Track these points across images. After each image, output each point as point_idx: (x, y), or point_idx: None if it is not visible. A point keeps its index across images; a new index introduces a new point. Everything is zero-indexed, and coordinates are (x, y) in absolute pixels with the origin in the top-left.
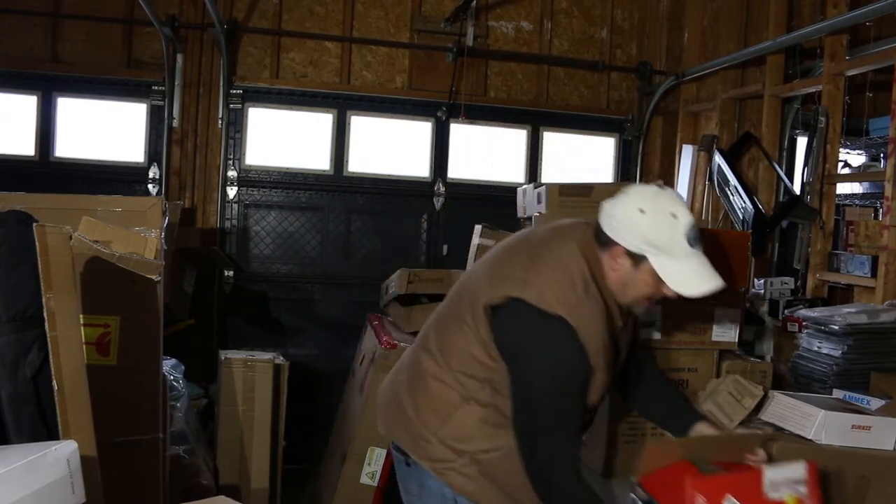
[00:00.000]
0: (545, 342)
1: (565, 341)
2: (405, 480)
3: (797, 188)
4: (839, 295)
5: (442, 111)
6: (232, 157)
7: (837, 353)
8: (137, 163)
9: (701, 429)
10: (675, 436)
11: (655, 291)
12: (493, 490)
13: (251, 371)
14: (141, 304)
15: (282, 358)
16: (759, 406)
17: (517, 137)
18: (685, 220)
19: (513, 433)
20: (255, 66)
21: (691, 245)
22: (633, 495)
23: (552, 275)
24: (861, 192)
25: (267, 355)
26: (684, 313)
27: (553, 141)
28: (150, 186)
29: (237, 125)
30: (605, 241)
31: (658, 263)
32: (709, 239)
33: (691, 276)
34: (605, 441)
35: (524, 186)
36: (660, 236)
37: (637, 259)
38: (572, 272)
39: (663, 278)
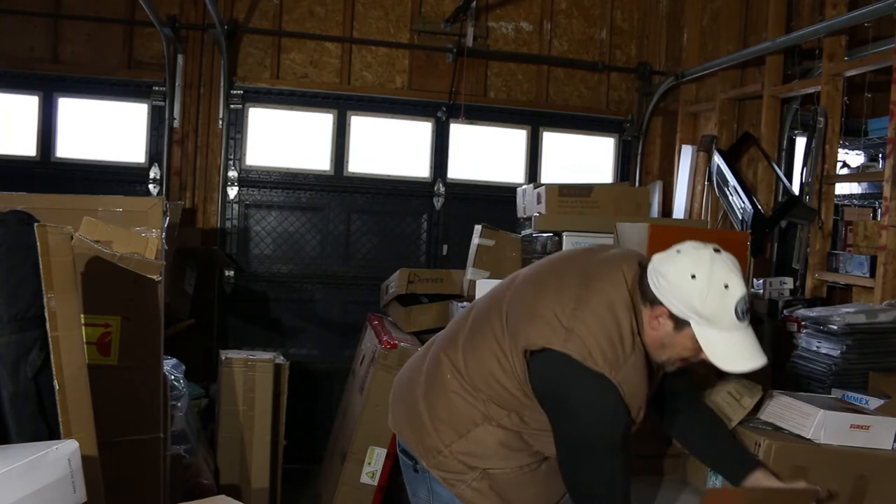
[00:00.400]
0: (589, 400)
1: (608, 398)
2: (413, 485)
3: (796, 188)
4: (838, 295)
5: (442, 111)
6: (232, 157)
7: (836, 353)
8: (138, 163)
9: (759, 478)
10: (730, 481)
11: (693, 356)
12: (500, 502)
13: (251, 371)
14: (142, 304)
15: (282, 358)
16: (759, 406)
17: (517, 137)
18: (738, 292)
19: (564, 482)
20: (256, 66)
21: (740, 319)
22: None
23: (599, 326)
24: (860, 192)
25: (267, 355)
26: None
27: (553, 141)
28: (150, 186)
29: (238, 125)
30: (650, 298)
31: (702, 333)
32: (708, 238)
33: (735, 352)
34: None
35: (524, 186)
36: (708, 307)
37: (680, 323)
38: (621, 324)
39: (704, 350)
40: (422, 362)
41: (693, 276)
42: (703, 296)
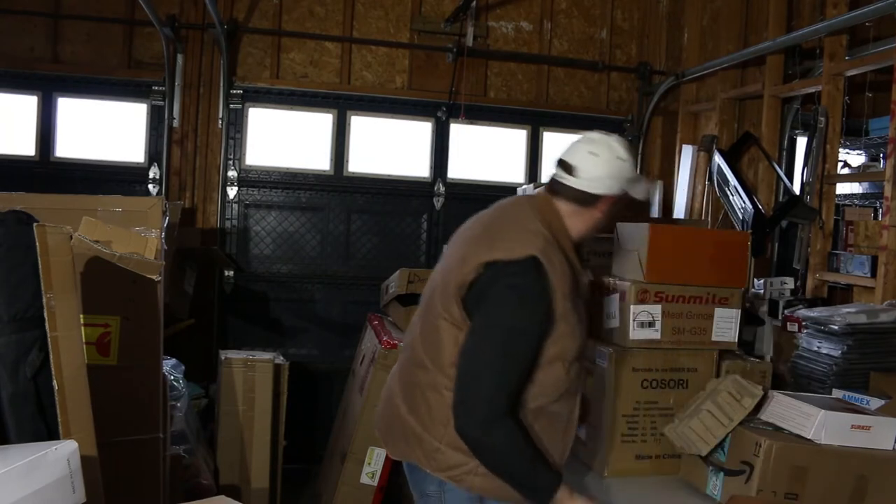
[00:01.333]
0: (515, 283)
1: (533, 279)
2: (421, 485)
3: (797, 188)
4: (839, 295)
5: (442, 111)
6: (232, 157)
7: (837, 353)
8: (138, 163)
9: None
10: None
11: (603, 222)
12: None
13: (251, 371)
14: (141, 304)
15: (282, 358)
16: (759, 406)
17: (517, 137)
18: (622, 143)
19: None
20: (256, 66)
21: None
22: None
23: (516, 235)
24: (861, 192)
25: (267, 355)
26: (684, 313)
27: (553, 141)
28: (150, 186)
29: (237, 125)
30: (589, 201)
31: (635, 189)
32: (709, 238)
33: (645, 188)
34: (604, 441)
35: (524, 186)
36: (631, 171)
37: (620, 196)
38: (533, 229)
39: (639, 196)
40: (395, 387)
41: (619, 158)
42: (628, 167)
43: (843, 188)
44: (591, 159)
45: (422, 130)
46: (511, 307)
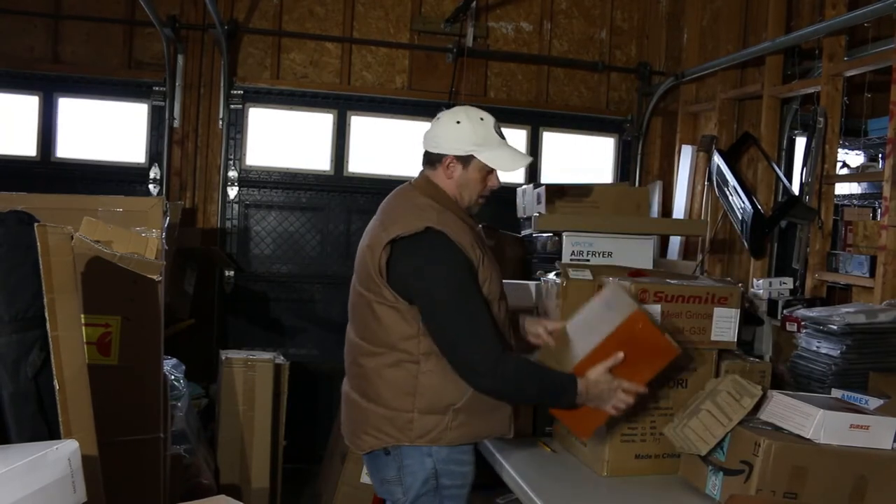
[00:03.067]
0: (426, 254)
1: (441, 243)
2: (382, 471)
3: (796, 188)
4: (838, 295)
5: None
6: (232, 157)
7: (836, 353)
8: (138, 163)
9: (529, 322)
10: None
11: (483, 186)
12: (482, 416)
13: (251, 371)
14: (142, 304)
15: (282, 358)
16: (759, 405)
17: (517, 138)
18: (490, 120)
19: (442, 354)
20: (256, 66)
21: (501, 137)
22: None
23: (407, 213)
24: (859, 192)
25: (267, 355)
26: (683, 313)
27: (553, 141)
28: (150, 187)
29: (238, 125)
30: (436, 159)
31: (484, 156)
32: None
33: (510, 158)
34: (604, 439)
35: (524, 186)
36: (479, 135)
37: (466, 161)
38: (420, 203)
39: (491, 164)
40: (346, 385)
41: (458, 122)
42: (471, 130)
43: (841, 188)
44: (434, 123)
45: (422, 131)
46: (439, 275)
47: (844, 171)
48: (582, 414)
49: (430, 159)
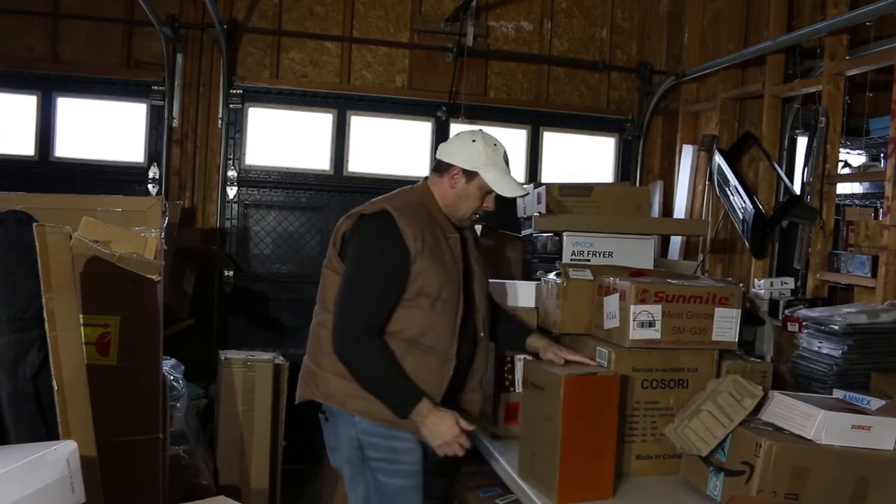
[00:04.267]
0: (371, 231)
1: (383, 224)
2: (327, 437)
3: (797, 188)
4: (839, 295)
5: (442, 111)
6: (232, 157)
7: (837, 353)
8: (137, 163)
9: (534, 339)
10: (517, 347)
11: (479, 204)
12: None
13: (251, 371)
14: (141, 304)
15: (282, 358)
16: (760, 406)
17: (517, 137)
18: (502, 148)
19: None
20: (256, 66)
21: (507, 165)
22: None
23: (384, 200)
24: (861, 192)
25: (267, 355)
26: (684, 313)
27: (553, 141)
28: (150, 186)
29: (237, 125)
30: (444, 168)
31: (487, 176)
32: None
33: (511, 184)
34: None
35: (524, 187)
36: (488, 155)
37: (470, 176)
38: (400, 196)
39: (491, 185)
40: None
41: (474, 140)
42: (483, 150)
43: (843, 188)
44: (452, 138)
45: (422, 130)
46: (365, 249)
47: (846, 170)
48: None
49: (440, 167)
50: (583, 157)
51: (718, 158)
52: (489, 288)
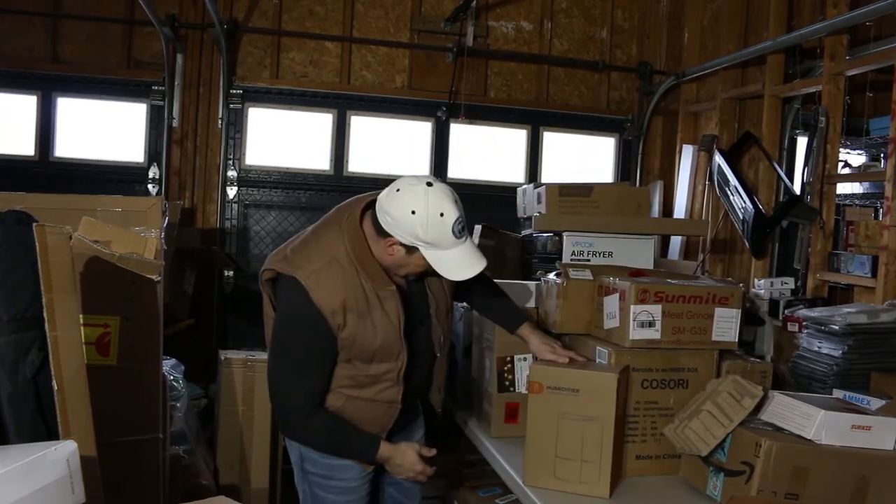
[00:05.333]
0: (283, 300)
1: (296, 296)
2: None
3: (797, 188)
4: (839, 295)
5: (442, 111)
6: (232, 157)
7: (837, 353)
8: (137, 163)
9: (526, 329)
10: (508, 329)
11: (424, 271)
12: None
13: (251, 371)
14: (141, 304)
15: None
16: (759, 406)
17: (517, 137)
18: (452, 217)
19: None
20: (256, 66)
21: (457, 237)
22: None
23: (306, 252)
24: (861, 192)
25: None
26: (684, 313)
27: (553, 141)
28: (149, 186)
29: (237, 125)
30: (381, 232)
31: (429, 255)
32: None
33: (458, 264)
34: None
35: (524, 186)
36: (430, 234)
37: (410, 249)
38: (326, 247)
39: (435, 267)
40: None
41: (413, 212)
42: (423, 226)
43: (843, 188)
44: (391, 195)
45: (422, 130)
46: (284, 326)
47: (846, 170)
48: None
49: (378, 228)
50: (583, 157)
51: (718, 158)
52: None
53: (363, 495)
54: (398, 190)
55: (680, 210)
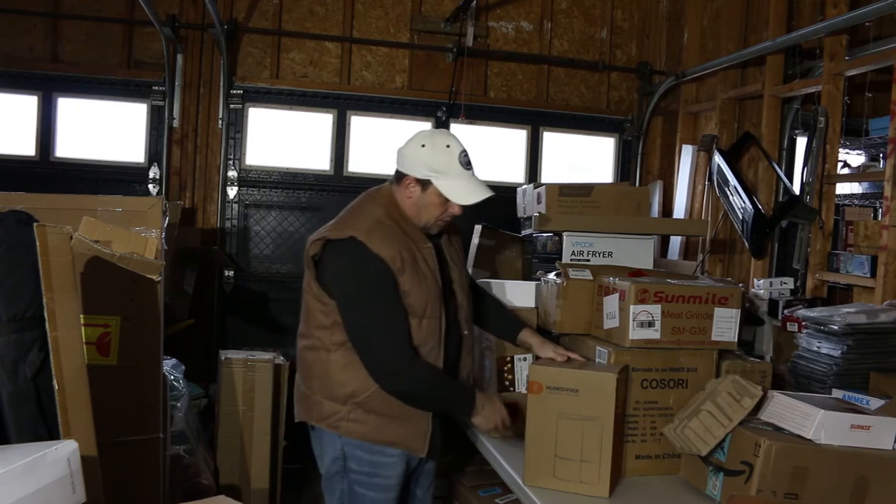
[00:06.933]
0: (345, 259)
1: (357, 251)
2: (314, 445)
3: (797, 188)
4: (839, 295)
5: (442, 111)
6: (232, 157)
7: (837, 353)
8: (138, 163)
9: (526, 334)
10: (509, 339)
11: (444, 210)
12: (381, 421)
13: (251, 371)
14: (141, 305)
15: (282, 358)
16: (759, 406)
17: (517, 137)
18: (457, 149)
19: (356, 352)
20: (256, 66)
21: (464, 167)
22: None
23: (350, 217)
24: (860, 192)
25: (267, 355)
26: (684, 313)
27: (553, 141)
28: (150, 186)
29: (237, 125)
30: (399, 178)
31: (439, 184)
32: None
33: (465, 191)
34: None
35: (524, 186)
36: (438, 162)
37: (424, 184)
38: (368, 211)
39: (445, 194)
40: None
41: (423, 146)
42: (432, 157)
43: (842, 188)
44: (407, 141)
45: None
46: (350, 283)
47: (845, 170)
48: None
49: (397, 176)
50: (583, 157)
51: (718, 158)
52: (470, 280)
53: (399, 495)
54: (410, 138)
55: (680, 210)
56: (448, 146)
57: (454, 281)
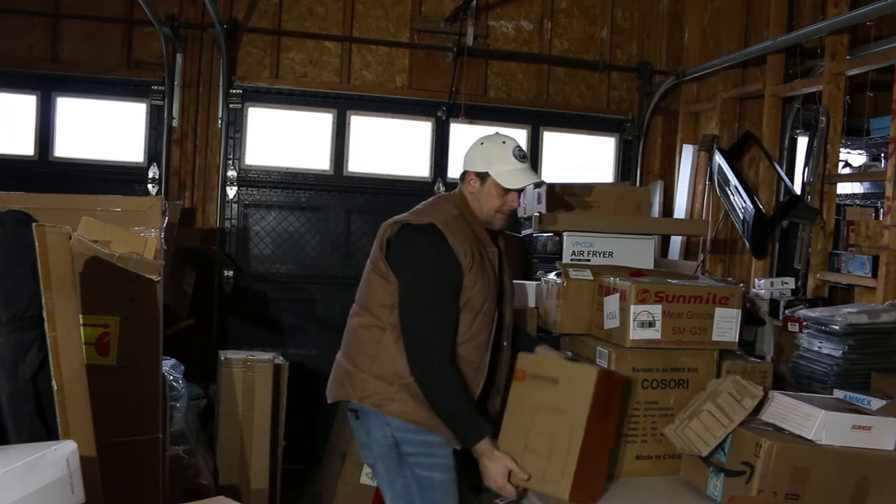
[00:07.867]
0: (421, 242)
1: (435, 241)
2: (358, 434)
3: (798, 188)
4: (840, 295)
5: (442, 111)
6: (232, 156)
7: (838, 354)
8: (137, 163)
9: (543, 349)
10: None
11: (502, 203)
12: (424, 408)
13: (251, 371)
14: (141, 305)
15: (282, 358)
16: (760, 406)
17: (517, 137)
18: (512, 144)
19: (401, 330)
20: (255, 65)
21: (518, 159)
22: None
23: (427, 209)
24: (862, 191)
25: (267, 355)
26: (685, 313)
27: (553, 141)
28: (149, 186)
29: (237, 125)
30: (463, 176)
31: (495, 173)
32: None
33: (517, 176)
34: None
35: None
36: (494, 155)
37: (483, 177)
38: (444, 208)
39: (499, 181)
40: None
41: (482, 143)
42: (489, 150)
43: (843, 188)
44: (468, 146)
45: (422, 130)
46: (423, 266)
47: (846, 170)
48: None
49: (462, 176)
50: (583, 157)
51: (718, 158)
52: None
53: (456, 475)
54: (472, 142)
55: (680, 210)
56: (504, 142)
57: (507, 289)
